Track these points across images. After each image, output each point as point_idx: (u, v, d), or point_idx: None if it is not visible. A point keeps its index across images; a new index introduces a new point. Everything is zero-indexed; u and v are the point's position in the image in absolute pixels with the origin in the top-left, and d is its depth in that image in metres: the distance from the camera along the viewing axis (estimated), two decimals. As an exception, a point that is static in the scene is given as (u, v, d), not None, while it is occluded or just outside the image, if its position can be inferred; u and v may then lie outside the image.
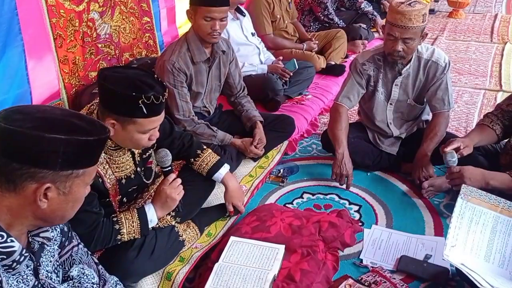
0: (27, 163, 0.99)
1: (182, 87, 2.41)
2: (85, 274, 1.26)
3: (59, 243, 1.23)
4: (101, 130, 1.08)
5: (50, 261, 1.17)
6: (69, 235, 1.28)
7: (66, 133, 1.00)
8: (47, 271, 1.14)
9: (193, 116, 2.47)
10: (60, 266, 1.23)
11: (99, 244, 1.67)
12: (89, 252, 1.36)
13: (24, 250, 1.07)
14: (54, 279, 1.15)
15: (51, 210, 1.06)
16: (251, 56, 3.37)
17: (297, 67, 3.30)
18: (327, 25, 4.35)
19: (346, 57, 4.12)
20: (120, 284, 1.39)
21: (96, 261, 1.37)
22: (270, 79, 3.18)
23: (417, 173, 2.38)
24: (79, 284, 1.24)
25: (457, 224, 1.77)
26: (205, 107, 2.62)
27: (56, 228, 1.22)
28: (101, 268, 1.36)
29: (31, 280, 1.07)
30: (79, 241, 1.32)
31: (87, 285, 1.26)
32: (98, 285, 1.29)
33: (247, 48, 3.37)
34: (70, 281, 1.22)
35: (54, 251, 1.19)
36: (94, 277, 1.28)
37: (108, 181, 1.69)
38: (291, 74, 3.29)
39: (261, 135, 2.59)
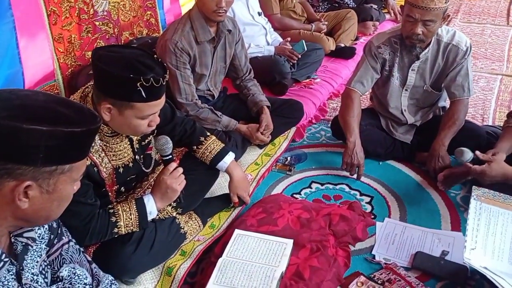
0: (2, 158, 0.88)
1: (185, 68, 2.31)
2: (76, 274, 1.17)
3: (47, 241, 1.14)
4: (91, 120, 0.97)
5: (37, 262, 1.07)
6: (59, 232, 1.19)
7: (49, 124, 0.88)
8: (32, 274, 1.04)
9: (196, 100, 2.38)
10: (49, 266, 1.14)
11: (94, 237, 1.60)
12: (81, 250, 1.27)
13: (4, 255, 0.97)
14: (40, 282, 1.06)
15: (34, 211, 0.95)
16: (257, 37, 3.28)
17: (305, 49, 3.22)
18: (337, 5, 4.27)
19: (356, 39, 4.06)
20: (115, 284, 1.30)
21: (89, 259, 1.29)
22: (277, 61, 3.09)
23: (432, 164, 2.31)
24: (70, 285, 1.15)
25: (474, 226, 1.74)
26: (209, 90, 2.53)
27: (44, 225, 1.13)
28: (95, 267, 1.28)
29: (12, 287, 0.97)
30: (70, 237, 1.23)
31: (78, 286, 1.17)
32: (91, 286, 1.20)
33: (253, 28, 3.27)
34: (60, 283, 1.13)
35: (41, 251, 1.10)
36: (86, 277, 1.20)
37: (104, 170, 1.61)
38: (299, 56, 3.21)
39: (268, 121, 2.51)
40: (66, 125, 0.91)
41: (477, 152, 2.05)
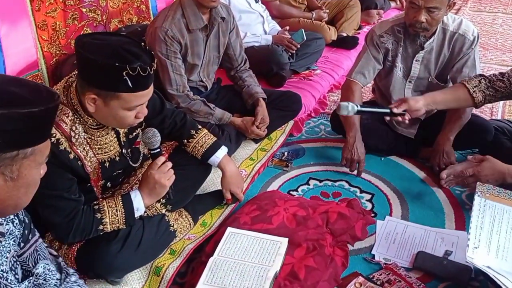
0: None
1: (175, 58, 2.32)
2: (50, 270, 1.19)
3: (19, 237, 1.14)
4: (48, 98, 0.96)
5: (6, 258, 1.08)
6: (31, 227, 1.20)
7: (3, 107, 0.88)
8: (1, 270, 1.05)
9: (188, 91, 2.39)
10: (22, 263, 1.15)
11: (78, 234, 1.61)
12: (46, 245, 1.28)
13: None
14: (11, 280, 1.06)
15: (0, 200, 0.96)
16: (254, 25, 3.28)
17: (305, 38, 3.22)
18: (339, -8, 4.23)
19: (360, 28, 4.07)
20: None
21: (54, 253, 1.30)
22: (275, 51, 3.10)
23: (437, 159, 2.33)
24: (44, 281, 1.16)
25: (477, 223, 1.74)
26: (201, 81, 2.54)
27: (14, 220, 1.13)
28: (62, 261, 1.29)
29: None
30: (38, 234, 1.24)
31: (51, 282, 1.19)
32: (59, 280, 1.22)
33: (249, 16, 3.27)
34: (31, 278, 1.14)
35: (10, 246, 1.11)
36: (56, 272, 1.22)
37: (89, 164, 1.61)
38: (299, 46, 3.21)
39: (264, 114, 2.52)
40: (22, 106, 0.90)
41: (393, 108, 2.04)
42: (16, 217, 1.14)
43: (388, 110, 2.06)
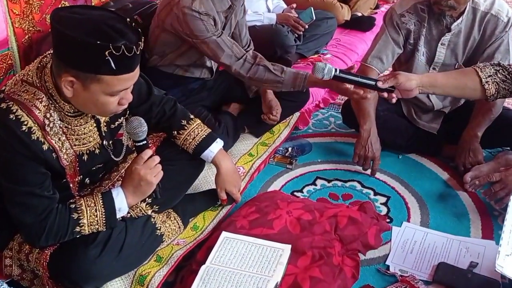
0: None
1: (218, 31, 2.32)
2: None
3: None
4: None
5: None
6: None
7: None
8: None
9: (246, 53, 2.35)
10: None
11: (51, 237, 1.61)
12: None
13: None
14: None
15: None
16: (256, 2, 3.27)
17: (314, 18, 3.23)
18: (354, -35, 4.24)
19: (377, 7, 4.08)
20: None
21: None
22: (279, 31, 3.10)
23: (462, 158, 2.34)
24: None
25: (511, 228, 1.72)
26: (210, 67, 2.55)
27: None
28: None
29: None
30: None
31: None
32: None
33: (252, -10, 3.26)
34: None
35: None
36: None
37: (65, 157, 1.62)
38: (306, 26, 3.21)
39: (277, 102, 2.55)
40: None
41: (379, 82, 1.98)
42: None
43: (373, 83, 1.99)
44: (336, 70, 1.96)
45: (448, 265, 1.87)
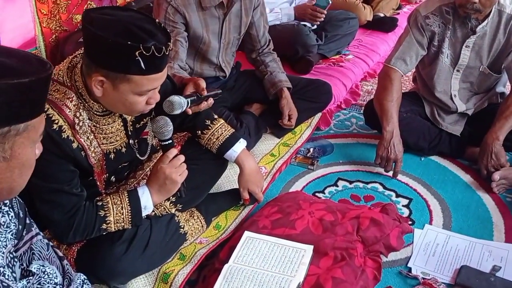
0: None
1: (174, 29, 2.31)
2: (45, 272, 1.23)
3: (14, 231, 1.18)
4: (40, 67, 1.00)
5: (2, 254, 1.11)
6: (26, 222, 1.23)
7: None
8: None
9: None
10: (17, 260, 1.19)
11: (79, 233, 1.64)
12: (50, 244, 1.31)
13: None
14: (8, 275, 1.10)
15: None
16: (280, 4, 3.26)
17: (330, 2, 3.16)
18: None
19: (399, 7, 4.06)
20: (87, 284, 1.36)
21: (61, 254, 1.33)
22: (300, 31, 3.10)
23: (484, 161, 2.33)
24: (38, 286, 1.20)
25: None
26: (219, 66, 2.56)
27: (9, 212, 1.17)
28: (67, 264, 1.33)
29: None
30: (37, 230, 1.28)
31: (48, 286, 1.22)
32: (61, 286, 1.26)
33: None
34: (31, 277, 1.18)
35: (7, 240, 1.14)
36: (56, 276, 1.25)
37: (93, 155, 1.65)
38: (325, 12, 3.16)
39: (291, 107, 2.55)
40: (11, 77, 0.94)
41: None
42: (11, 210, 1.18)
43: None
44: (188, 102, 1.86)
45: (470, 269, 1.86)
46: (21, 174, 1.04)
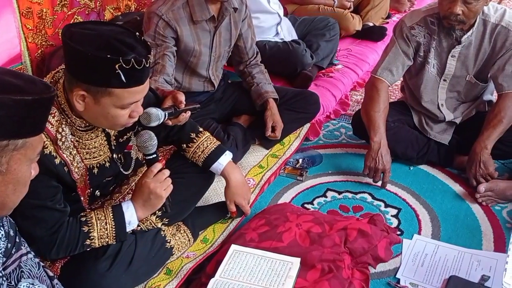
0: None
1: (164, 43, 2.32)
2: None
3: (3, 249, 1.18)
4: (43, 89, 1.06)
5: None
6: (16, 240, 1.23)
7: None
8: None
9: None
10: (5, 279, 1.18)
11: (62, 250, 1.63)
12: (41, 264, 1.30)
13: None
14: None
15: None
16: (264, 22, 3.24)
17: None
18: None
19: (388, 17, 4.08)
20: None
21: (51, 274, 1.33)
22: (296, 52, 3.08)
23: (473, 170, 2.33)
24: None
25: None
26: (209, 79, 2.56)
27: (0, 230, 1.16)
28: (57, 284, 1.32)
29: None
30: (28, 249, 1.27)
31: None
32: None
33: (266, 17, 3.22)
34: None
35: None
36: None
37: (76, 170, 1.64)
38: None
39: (275, 119, 2.55)
40: (15, 93, 0.99)
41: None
42: (1, 228, 1.19)
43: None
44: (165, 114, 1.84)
45: (459, 279, 1.86)
46: (14, 190, 1.07)
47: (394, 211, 2.27)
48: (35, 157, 1.09)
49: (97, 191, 1.78)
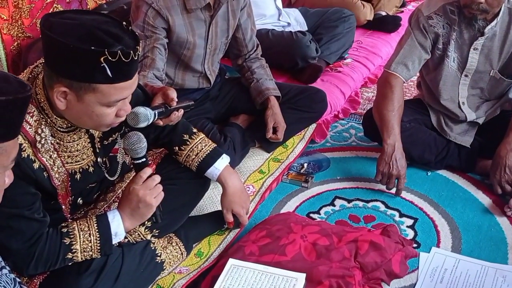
0: None
1: (154, 34, 2.33)
2: None
3: None
4: (18, 88, 1.06)
5: None
6: None
7: None
8: None
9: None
10: None
11: (41, 264, 1.63)
12: (18, 280, 1.31)
13: None
14: None
15: None
16: (262, 3, 3.27)
17: None
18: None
19: (403, 5, 4.10)
20: None
21: None
22: (300, 42, 3.08)
23: (497, 176, 2.33)
24: None
25: None
26: (205, 74, 2.57)
27: None
28: None
29: None
30: (3, 263, 1.28)
31: None
32: None
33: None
34: None
35: None
36: None
37: (57, 176, 1.65)
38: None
39: (276, 119, 2.56)
40: None
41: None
42: None
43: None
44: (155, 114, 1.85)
45: (482, 296, 1.88)
46: None
47: (410, 221, 2.27)
48: (10, 164, 1.08)
49: (79, 198, 1.79)
